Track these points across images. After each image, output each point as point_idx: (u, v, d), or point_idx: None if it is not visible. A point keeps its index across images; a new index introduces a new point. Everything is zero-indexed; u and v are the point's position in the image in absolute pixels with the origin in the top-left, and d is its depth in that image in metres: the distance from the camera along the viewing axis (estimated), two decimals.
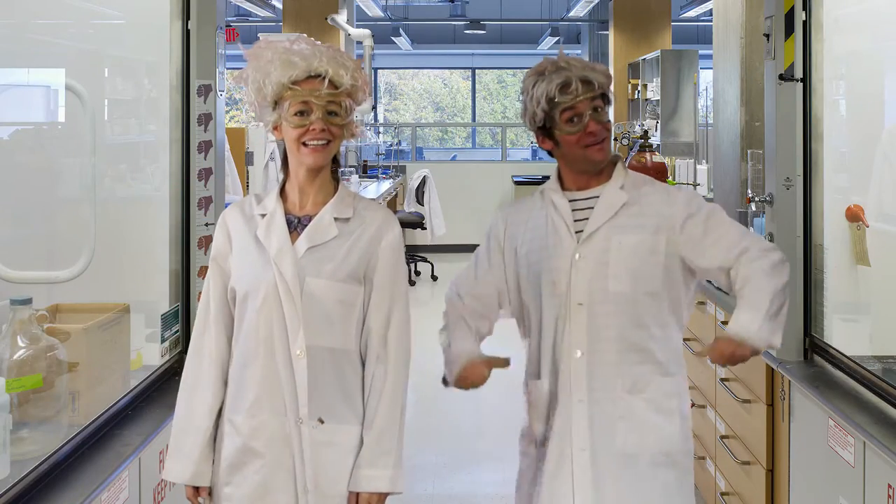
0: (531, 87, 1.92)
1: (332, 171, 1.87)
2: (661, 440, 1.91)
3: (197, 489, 1.79)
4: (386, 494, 1.79)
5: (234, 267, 1.82)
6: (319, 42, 1.85)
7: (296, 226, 1.82)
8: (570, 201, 1.97)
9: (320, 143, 1.78)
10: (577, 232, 1.94)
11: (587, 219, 1.95)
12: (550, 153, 2.00)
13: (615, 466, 1.88)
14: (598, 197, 1.96)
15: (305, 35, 1.86)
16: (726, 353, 1.85)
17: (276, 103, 1.79)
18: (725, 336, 1.87)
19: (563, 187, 2.00)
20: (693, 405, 3.34)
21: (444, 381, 1.99)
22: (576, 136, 1.90)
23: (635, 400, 1.90)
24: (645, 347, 1.91)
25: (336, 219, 1.82)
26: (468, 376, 1.95)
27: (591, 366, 1.90)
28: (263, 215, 1.82)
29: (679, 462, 1.93)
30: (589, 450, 1.88)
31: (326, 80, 1.77)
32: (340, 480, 1.78)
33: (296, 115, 1.77)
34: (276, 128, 1.82)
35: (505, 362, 1.94)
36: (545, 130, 1.94)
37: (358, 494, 1.78)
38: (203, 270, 2.37)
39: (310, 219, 1.82)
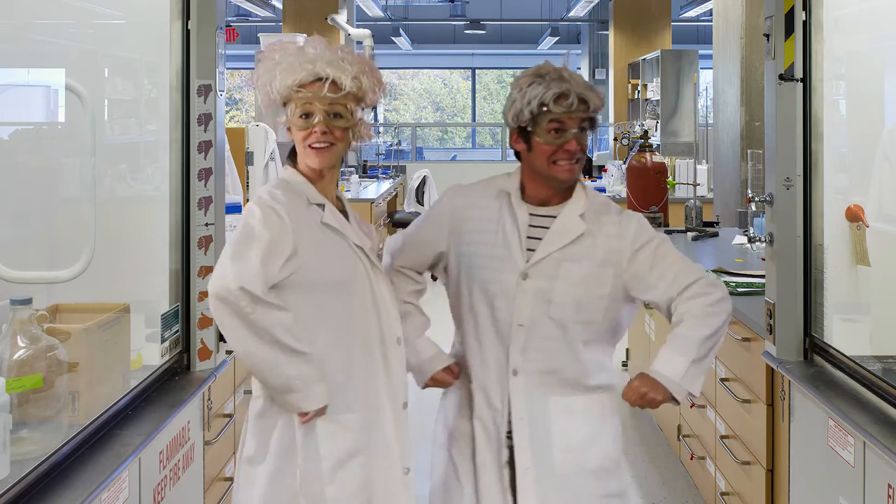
0: (527, 85, 1.91)
1: None
2: (597, 457, 1.95)
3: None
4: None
5: (309, 258, 1.80)
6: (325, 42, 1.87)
7: None
8: (529, 215, 1.97)
9: (322, 145, 1.79)
10: (528, 249, 1.95)
11: (540, 238, 1.95)
12: (518, 155, 2.00)
13: (558, 487, 1.92)
14: (554, 217, 1.96)
15: (319, 36, 1.88)
16: (641, 391, 1.89)
17: (286, 105, 1.83)
18: (647, 375, 1.90)
19: (523, 197, 1.99)
20: (693, 405, 3.34)
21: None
22: (552, 148, 1.90)
23: (569, 422, 1.94)
24: (574, 369, 1.94)
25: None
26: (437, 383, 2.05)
27: (528, 385, 1.93)
28: (321, 205, 1.86)
29: (614, 471, 1.98)
30: (533, 468, 1.91)
31: (327, 84, 1.79)
32: None
33: (300, 117, 1.80)
34: (289, 128, 1.86)
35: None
36: (524, 132, 1.93)
37: None
38: (203, 270, 2.37)
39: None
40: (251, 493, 1.84)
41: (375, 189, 7.89)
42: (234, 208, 3.87)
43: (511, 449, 1.94)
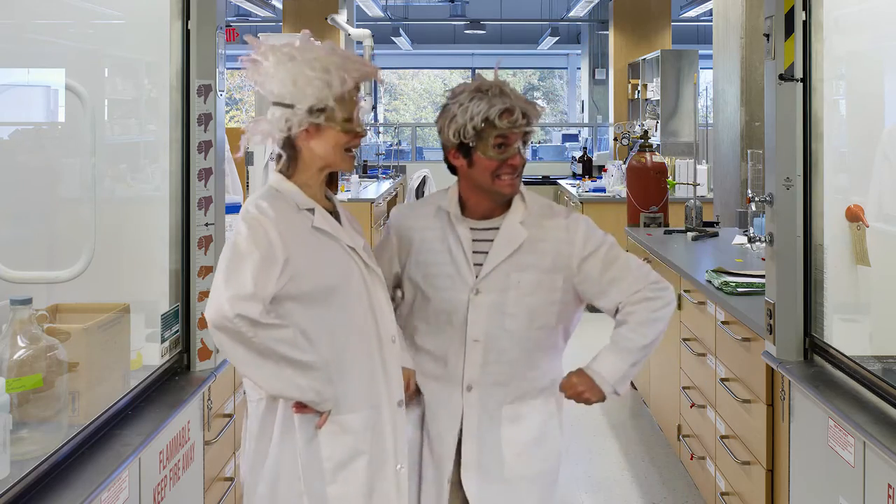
0: (468, 101, 1.90)
1: None
2: (544, 459, 2.00)
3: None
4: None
5: (303, 265, 1.78)
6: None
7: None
8: (470, 230, 1.98)
9: (357, 147, 1.87)
10: (475, 264, 1.96)
11: (486, 252, 1.96)
12: (453, 170, 2.00)
13: (505, 491, 1.95)
14: (497, 229, 1.97)
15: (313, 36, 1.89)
16: (578, 390, 1.94)
17: (321, 109, 1.81)
18: (584, 373, 1.95)
19: (464, 212, 2.00)
20: (693, 405, 3.34)
21: None
22: (496, 164, 1.91)
23: (518, 426, 1.97)
24: (529, 378, 1.98)
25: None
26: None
27: (481, 398, 1.96)
28: (311, 210, 1.84)
29: (557, 468, 2.03)
30: (476, 477, 1.95)
31: (363, 90, 1.88)
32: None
33: (345, 121, 1.83)
34: (307, 129, 1.82)
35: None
36: (464, 147, 1.93)
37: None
38: (203, 270, 2.37)
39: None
40: (256, 493, 1.85)
41: (375, 189, 7.89)
42: (234, 208, 3.87)
43: (458, 455, 1.97)
